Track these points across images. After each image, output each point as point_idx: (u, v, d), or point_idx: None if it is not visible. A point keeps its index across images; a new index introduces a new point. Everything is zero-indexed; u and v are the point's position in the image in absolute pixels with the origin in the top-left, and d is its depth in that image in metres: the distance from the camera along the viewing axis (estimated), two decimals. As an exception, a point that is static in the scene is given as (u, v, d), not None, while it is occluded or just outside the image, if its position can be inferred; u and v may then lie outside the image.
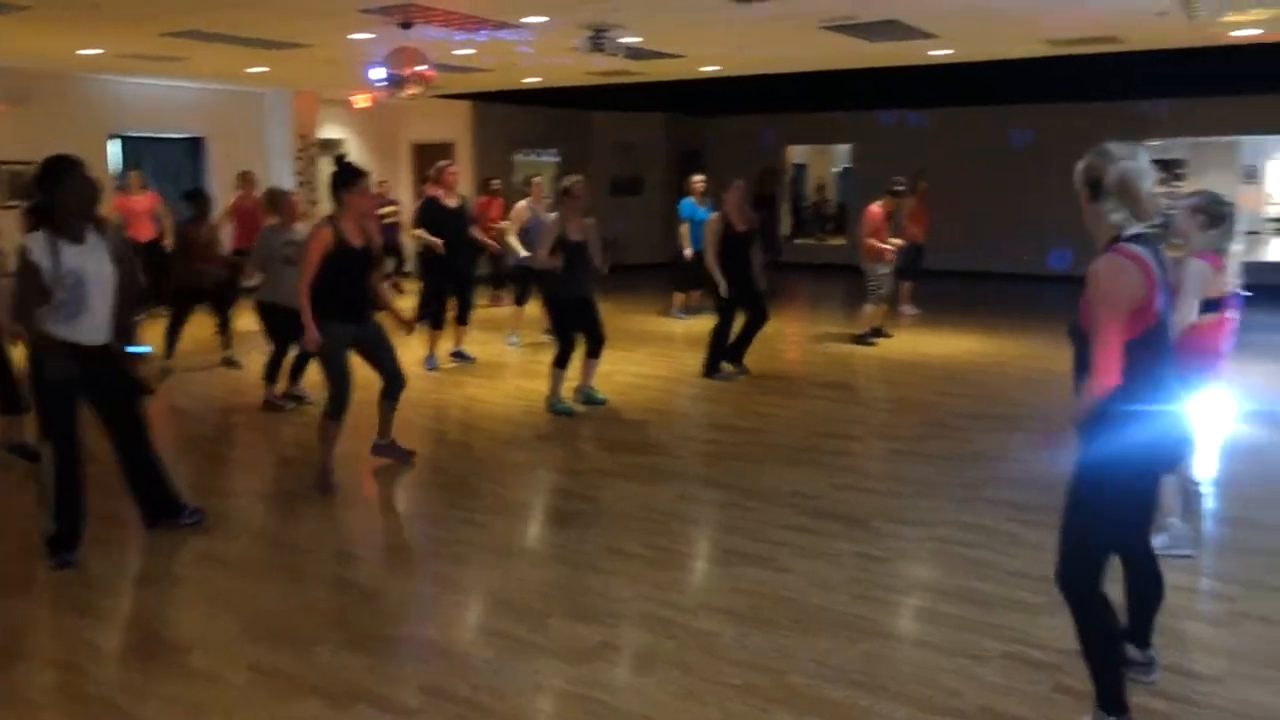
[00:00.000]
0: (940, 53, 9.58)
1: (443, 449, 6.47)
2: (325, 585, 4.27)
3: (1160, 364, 2.84)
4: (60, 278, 4.16)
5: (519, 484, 5.72)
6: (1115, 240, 2.81)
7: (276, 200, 7.60)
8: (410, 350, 9.32)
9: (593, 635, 3.74)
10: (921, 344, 10.04)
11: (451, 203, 8.62)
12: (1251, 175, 20.59)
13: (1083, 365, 2.87)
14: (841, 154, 21.71)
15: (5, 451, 5.78)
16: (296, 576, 4.35)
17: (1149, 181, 2.80)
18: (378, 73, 10.36)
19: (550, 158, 16.77)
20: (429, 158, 15.62)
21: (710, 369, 8.31)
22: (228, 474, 6.04)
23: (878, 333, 10.05)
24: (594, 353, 7.25)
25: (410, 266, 13.07)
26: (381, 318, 5.65)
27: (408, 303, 9.16)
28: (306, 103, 13.57)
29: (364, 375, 5.57)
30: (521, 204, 9.86)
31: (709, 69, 10.95)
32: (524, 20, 7.84)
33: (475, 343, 9.24)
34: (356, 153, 15.09)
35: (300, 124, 13.50)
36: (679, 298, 11.84)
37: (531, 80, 12.19)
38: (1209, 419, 6.22)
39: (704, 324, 11.10)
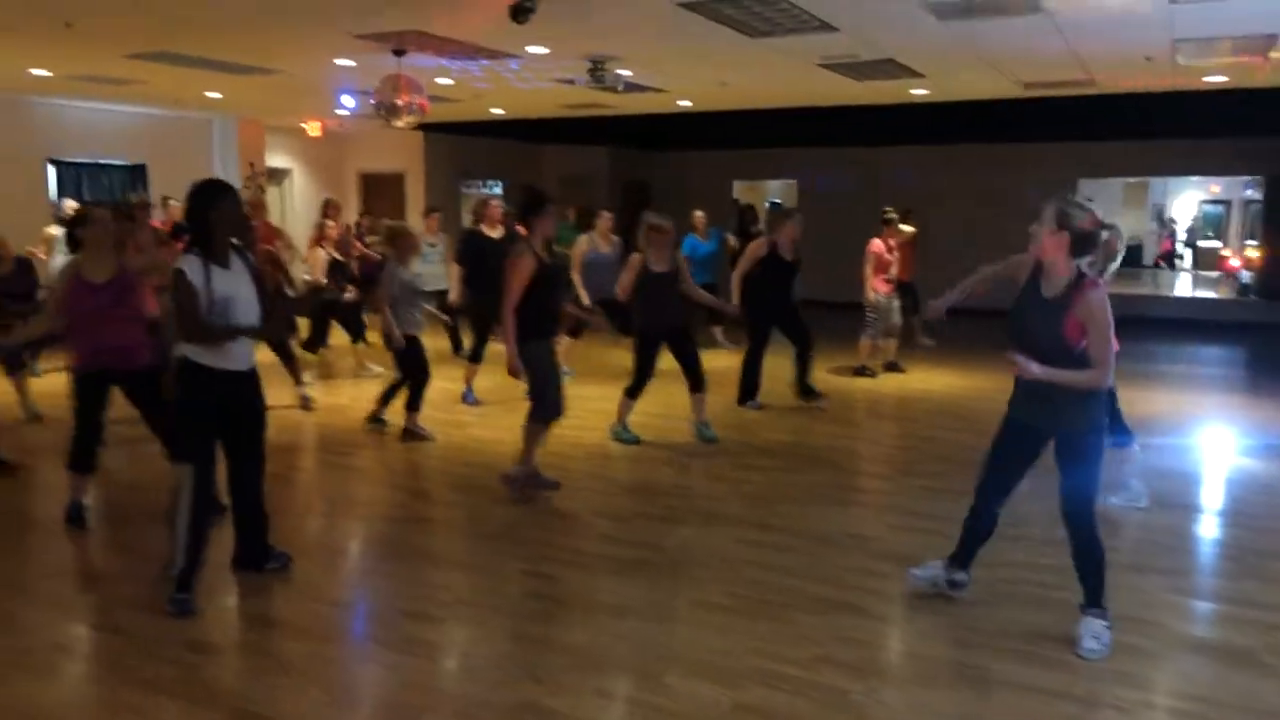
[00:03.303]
0: (920, 92, 9.75)
1: (475, 495, 6.03)
2: (399, 648, 3.96)
3: None
4: (212, 303, 4.07)
5: (571, 531, 5.46)
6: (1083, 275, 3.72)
7: (398, 237, 7.35)
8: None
9: (719, 696, 3.56)
10: (907, 379, 10.15)
11: (495, 235, 8.36)
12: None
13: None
14: (774, 189, 21.99)
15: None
16: (379, 641, 4.05)
17: None
18: (349, 100, 10.09)
19: (496, 189, 16.52)
20: (376, 187, 15.30)
21: (744, 397, 8.37)
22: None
23: (863, 370, 10.10)
24: (697, 387, 7.21)
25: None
26: None
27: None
28: (252, 130, 13.07)
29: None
30: (583, 238, 9.55)
31: (684, 103, 10.93)
32: (527, 50, 7.67)
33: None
34: (303, 181, 14.61)
35: (247, 151, 12.98)
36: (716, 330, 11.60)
37: (497, 112, 11.98)
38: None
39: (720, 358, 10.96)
